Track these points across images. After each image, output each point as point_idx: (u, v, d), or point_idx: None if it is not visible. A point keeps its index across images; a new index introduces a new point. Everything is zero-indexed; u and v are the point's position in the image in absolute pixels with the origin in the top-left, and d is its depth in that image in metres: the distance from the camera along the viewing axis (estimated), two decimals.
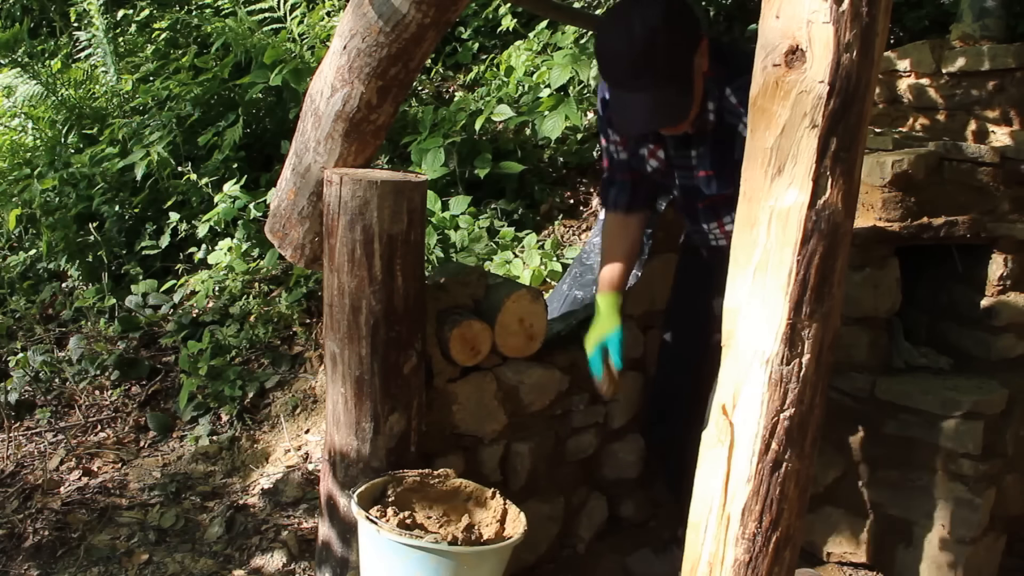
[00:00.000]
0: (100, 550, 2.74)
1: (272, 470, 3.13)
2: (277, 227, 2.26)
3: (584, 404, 2.64)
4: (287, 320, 3.75)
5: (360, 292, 2.08)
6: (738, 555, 1.50)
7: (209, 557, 2.71)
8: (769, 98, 1.42)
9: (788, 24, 1.39)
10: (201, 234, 4.09)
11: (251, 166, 4.36)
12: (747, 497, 1.48)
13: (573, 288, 2.75)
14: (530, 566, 2.56)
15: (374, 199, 2.02)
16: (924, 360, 2.79)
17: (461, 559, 1.87)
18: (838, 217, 1.41)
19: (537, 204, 4.22)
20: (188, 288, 3.99)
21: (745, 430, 1.48)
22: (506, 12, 4.75)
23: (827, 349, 1.46)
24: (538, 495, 2.54)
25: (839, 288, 1.46)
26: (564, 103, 3.93)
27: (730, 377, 1.51)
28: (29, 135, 5.01)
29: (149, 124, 4.46)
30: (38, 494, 3.02)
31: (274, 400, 3.49)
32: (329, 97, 2.05)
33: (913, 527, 2.59)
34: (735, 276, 1.51)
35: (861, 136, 1.41)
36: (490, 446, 2.43)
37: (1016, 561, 2.76)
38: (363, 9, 1.96)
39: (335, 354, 2.15)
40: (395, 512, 1.95)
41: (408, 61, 2.01)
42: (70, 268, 4.35)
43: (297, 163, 2.17)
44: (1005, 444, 2.60)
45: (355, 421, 2.15)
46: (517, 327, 2.33)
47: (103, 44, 5.04)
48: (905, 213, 2.67)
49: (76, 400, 3.60)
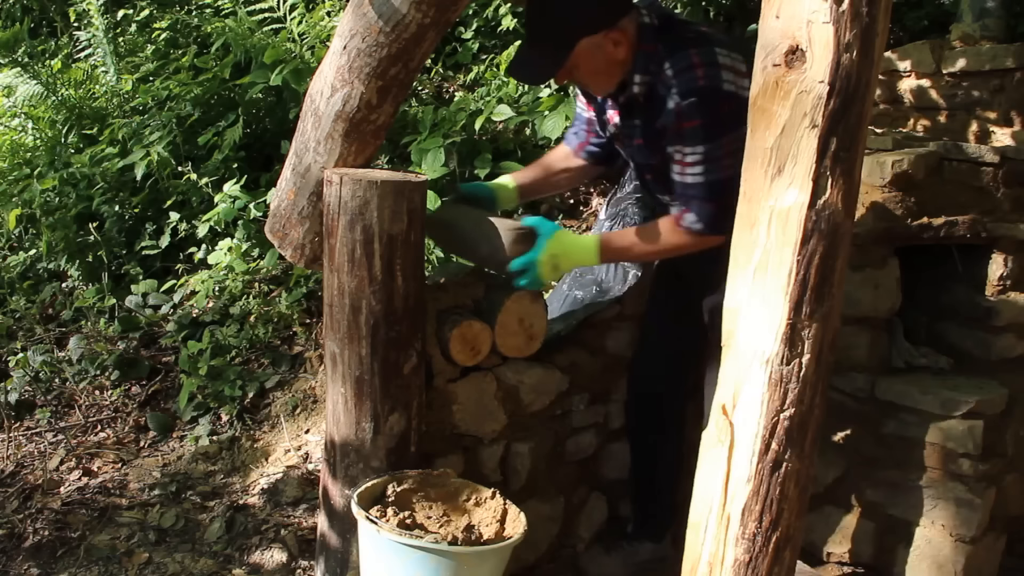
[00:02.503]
0: (100, 550, 2.74)
1: (272, 470, 3.13)
2: (277, 227, 2.26)
3: (584, 404, 2.64)
4: (287, 320, 3.74)
5: (360, 292, 2.08)
6: (738, 555, 1.50)
7: (209, 557, 2.71)
8: (769, 98, 1.42)
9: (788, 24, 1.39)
10: (201, 234, 4.09)
11: (251, 166, 4.36)
12: (747, 497, 1.48)
13: (573, 288, 2.75)
14: (530, 566, 2.56)
15: (374, 199, 2.02)
16: (924, 360, 2.79)
17: (461, 559, 1.87)
18: (838, 217, 1.41)
19: (537, 204, 4.21)
20: (188, 288, 3.99)
21: (745, 430, 1.48)
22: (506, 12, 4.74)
23: (827, 349, 1.46)
24: (538, 495, 2.54)
25: (839, 288, 1.46)
26: (564, 103, 3.93)
27: (730, 377, 1.51)
28: (29, 135, 5.00)
29: (149, 124, 4.45)
30: (38, 494, 3.02)
31: (274, 400, 3.49)
32: (329, 97, 2.05)
33: (913, 527, 2.59)
34: (735, 276, 1.51)
35: (861, 136, 1.41)
36: (490, 446, 2.43)
37: (1016, 561, 2.76)
38: (363, 9, 1.96)
39: (335, 354, 2.15)
40: (395, 512, 1.95)
41: (408, 61, 2.01)
42: (70, 268, 4.34)
43: (297, 163, 2.17)
44: (1005, 444, 2.60)
45: (355, 421, 2.15)
46: (517, 327, 2.33)
47: (103, 44, 5.03)
48: (905, 213, 2.67)
49: (76, 400, 3.60)
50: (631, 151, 2.38)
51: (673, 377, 2.59)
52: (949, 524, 2.53)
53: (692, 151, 2.12)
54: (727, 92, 2.08)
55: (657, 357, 2.61)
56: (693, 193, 2.16)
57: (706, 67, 2.08)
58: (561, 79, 2.22)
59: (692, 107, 2.08)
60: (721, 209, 2.13)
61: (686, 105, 2.08)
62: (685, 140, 2.12)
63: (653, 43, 2.14)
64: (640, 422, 2.67)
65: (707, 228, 2.17)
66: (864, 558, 2.71)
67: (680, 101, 2.09)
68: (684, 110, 2.09)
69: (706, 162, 2.12)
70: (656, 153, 2.24)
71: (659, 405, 2.62)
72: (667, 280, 2.59)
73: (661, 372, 2.60)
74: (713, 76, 2.08)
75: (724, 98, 2.08)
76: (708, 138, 2.10)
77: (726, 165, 2.09)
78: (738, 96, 2.08)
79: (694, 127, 2.10)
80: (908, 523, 2.60)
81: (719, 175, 2.12)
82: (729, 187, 2.12)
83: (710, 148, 2.10)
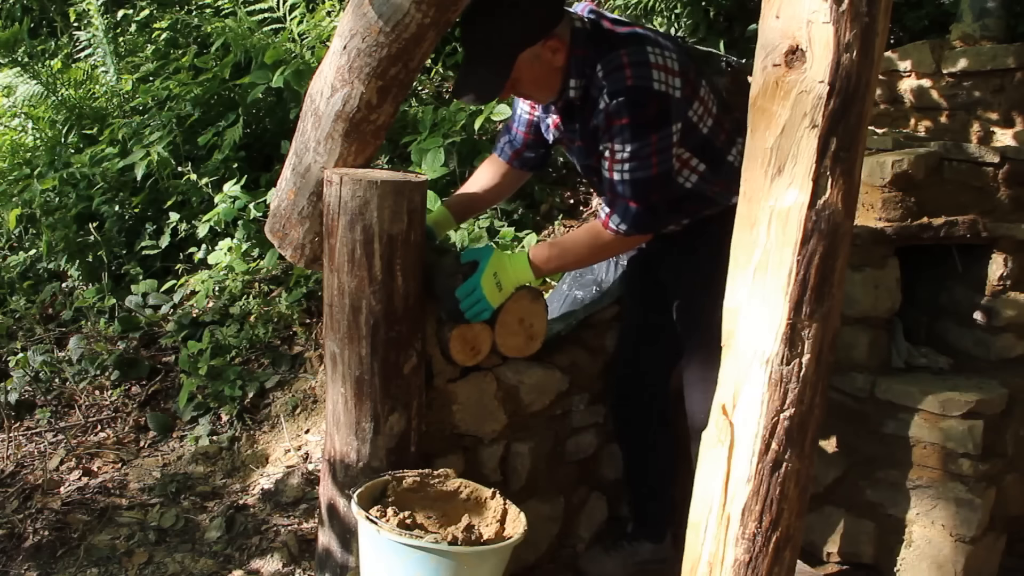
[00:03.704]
0: (100, 550, 2.74)
1: (272, 470, 3.13)
2: (277, 227, 2.26)
3: (584, 404, 2.64)
4: (287, 320, 3.74)
5: (360, 292, 2.08)
6: (738, 555, 1.50)
7: (209, 557, 2.71)
8: (769, 98, 1.42)
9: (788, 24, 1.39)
10: (201, 234, 4.09)
11: (251, 166, 4.36)
12: (747, 497, 1.48)
13: (573, 288, 2.75)
14: (530, 566, 2.56)
15: (374, 199, 2.02)
16: (924, 360, 2.80)
17: (461, 559, 1.87)
18: (838, 217, 1.41)
19: (537, 204, 4.21)
20: (188, 288, 3.99)
21: (745, 430, 1.48)
22: None
23: (827, 349, 1.46)
24: (538, 495, 2.54)
25: (839, 288, 1.46)
26: None
27: (730, 377, 1.51)
28: (29, 135, 5.00)
29: (149, 124, 4.45)
30: (38, 494, 3.02)
31: (274, 400, 3.49)
32: (329, 97, 2.05)
33: (913, 527, 2.59)
34: (735, 276, 1.51)
35: (861, 136, 1.41)
36: (490, 446, 2.43)
37: (1016, 561, 2.76)
38: (363, 9, 1.96)
39: (335, 354, 2.15)
40: (395, 512, 1.95)
41: (408, 61, 2.01)
42: (70, 268, 4.34)
43: (297, 163, 2.17)
44: (1005, 444, 2.60)
45: (355, 421, 2.15)
46: (517, 327, 2.33)
47: (103, 44, 5.03)
48: (905, 213, 2.67)
49: (76, 400, 3.60)
50: (574, 154, 2.38)
51: (656, 381, 2.58)
52: (949, 524, 2.53)
53: (621, 149, 2.12)
54: (655, 92, 2.09)
55: (639, 361, 2.60)
56: (619, 191, 2.16)
57: (634, 67, 2.09)
58: (505, 94, 2.22)
59: (620, 106, 2.09)
60: (646, 209, 2.15)
61: (614, 104, 2.09)
62: (614, 138, 2.13)
63: (585, 47, 2.15)
64: (626, 423, 2.67)
65: (631, 228, 2.17)
66: (864, 558, 2.71)
67: (608, 101, 2.10)
68: (612, 109, 2.10)
69: (633, 159, 2.12)
70: (594, 154, 2.25)
71: (645, 405, 2.61)
72: (641, 284, 2.59)
73: (643, 376, 2.59)
74: (642, 76, 2.09)
75: (652, 97, 2.09)
76: (635, 136, 2.11)
77: (654, 163, 2.12)
78: (667, 95, 2.11)
79: (622, 125, 2.10)
80: (908, 523, 2.60)
81: (646, 173, 2.13)
82: (656, 185, 2.14)
83: (637, 147, 2.11)
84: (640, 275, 2.59)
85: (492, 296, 2.20)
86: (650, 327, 2.56)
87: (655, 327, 2.54)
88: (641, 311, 2.60)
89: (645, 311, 2.58)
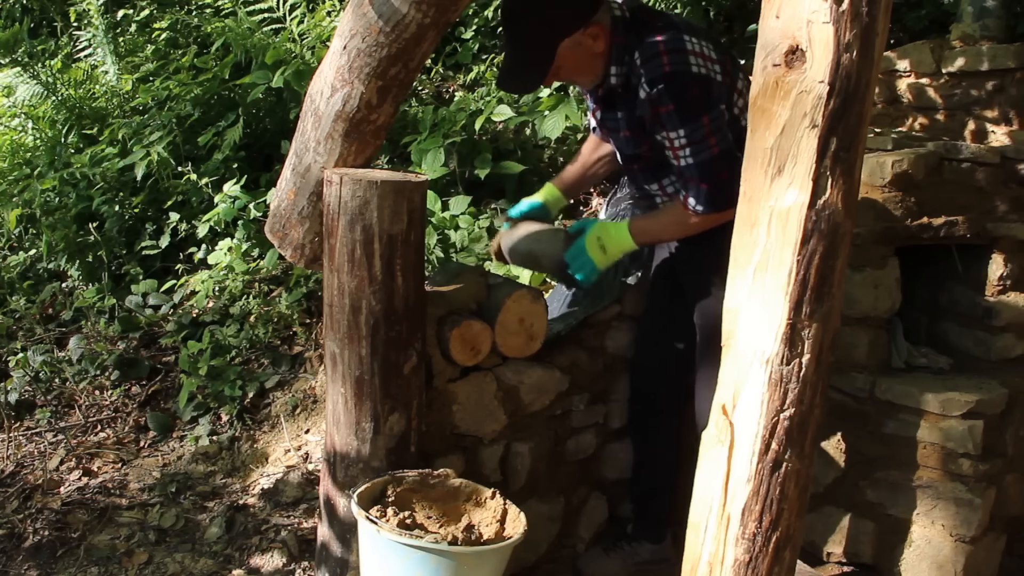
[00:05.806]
0: (100, 550, 2.74)
1: (272, 470, 3.14)
2: (277, 227, 2.26)
3: (584, 404, 2.64)
4: (287, 320, 3.74)
5: (360, 292, 2.08)
6: (738, 555, 1.50)
7: (209, 557, 2.71)
8: (769, 98, 1.42)
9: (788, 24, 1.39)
10: (201, 234, 4.09)
11: (251, 166, 4.36)
12: (747, 497, 1.48)
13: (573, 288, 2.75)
14: (530, 566, 2.56)
15: (374, 199, 2.02)
16: (924, 360, 2.79)
17: (461, 559, 1.87)
18: (838, 217, 1.41)
19: None
20: (188, 288, 3.99)
21: (745, 430, 1.48)
22: None
23: (827, 349, 1.46)
24: (538, 495, 2.54)
25: (839, 288, 1.46)
26: (564, 103, 3.93)
27: (730, 377, 1.51)
28: (29, 135, 5.00)
29: (149, 124, 4.46)
30: (38, 494, 3.02)
31: (274, 400, 3.49)
32: (329, 97, 2.05)
33: (913, 527, 2.59)
34: (735, 276, 1.51)
35: (861, 136, 1.41)
36: (490, 446, 2.43)
37: (1016, 561, 2.76)
38: (363, 9, 1.96)
39: (335, 354, 2.15)
40: (395, 512, 1.95)
41: (408, 61, 2.01)
42: (70, 268, 4.34)
43: (297, 163, 2.17)
44: (1005, 444, 2.60)
45: (355, 421, 2.15)
46: (517, 327, 2.33)
47: (103, 44, 5.03)
48: (905, 213, 2.67)
49: (76, 400, 3.60)
50: (619, 143, 2.43)
51: (672, 376, 2.59)
52: (949, 524, 2.53)
53: (676, 136, 2.17)
54: (695, 75, 2.12)
55: (656, 356, 2.62)
56: (688, 175, 2.21)
57: (671, 54, 2.12)
58: (549, 81, 2.28)
59: (661, 93, 2.13)
60: (716, 187, 2.18)
61: (655, 92, 2.13)
62: (666, 126, 2.17)
63: (624, 35, 2.19)
64: (640, 420, 2.68)
65: (707, 207, 2.21)
66: (864, 558, 2.71)
67: (649, 90, 2.14)
68: (655, 96, 2.14)
69: (690, 144, 2.16)
70: (642, 143, 2.30)
71: (657, 404, 2.62)
72: (664, 281, 2.60)
73: (660, 371, 2.60)
74: (679, 62, 2.12)
75: (693, 80, 2.12)
76: (685, 121, 2.14)
77: (712, 143, 2.15)
78: (708, 78, 2.14)
79: (668, 112, 2.14)
80: (908, 523, 2.60)
81: (708, 154, 2.16)
82: (722, 163, 2.15)
83: (691, 130, 2.14)
84: (664, 272, 2.61)
85: (597, 257, 2.30)
86: (668, 326, 2.58)
87: (672, 326, 2.55)
88: (661, 310, 2.62)
89: (665, 310, 2.60)
